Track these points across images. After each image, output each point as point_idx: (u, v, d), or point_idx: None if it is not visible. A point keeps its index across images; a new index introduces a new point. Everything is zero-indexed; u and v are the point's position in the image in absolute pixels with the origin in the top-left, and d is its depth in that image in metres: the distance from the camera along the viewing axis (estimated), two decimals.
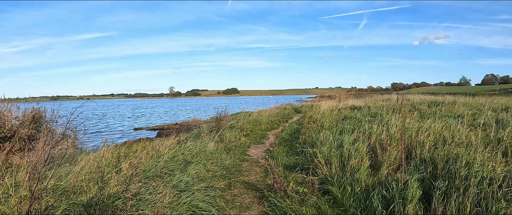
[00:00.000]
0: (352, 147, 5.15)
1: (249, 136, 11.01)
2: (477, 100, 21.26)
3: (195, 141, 7.57)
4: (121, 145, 13.07)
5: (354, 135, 6.05)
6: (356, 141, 5.54)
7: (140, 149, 8.65)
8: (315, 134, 6.96)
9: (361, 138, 5.67)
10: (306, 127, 8.82)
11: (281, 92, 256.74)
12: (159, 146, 9.27)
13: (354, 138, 5.89)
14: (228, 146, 8.57)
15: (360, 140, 5.51)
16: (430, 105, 16.40)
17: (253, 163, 6.99)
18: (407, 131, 5.90)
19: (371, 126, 6.89)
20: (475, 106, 17.00)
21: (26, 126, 8.38)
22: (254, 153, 8.28)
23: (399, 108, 12.24)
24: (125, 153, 8.28)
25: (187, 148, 6.16)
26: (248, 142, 10.06)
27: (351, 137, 5.94)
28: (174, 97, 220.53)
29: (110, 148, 8.59)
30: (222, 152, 7.88)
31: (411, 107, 13.99)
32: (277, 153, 7.19)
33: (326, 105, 13.43)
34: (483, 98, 23.27)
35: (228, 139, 9.95)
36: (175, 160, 5.62)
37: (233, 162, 6.97)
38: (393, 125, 6.49)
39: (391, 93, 57.00)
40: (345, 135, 6.37)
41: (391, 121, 7.55)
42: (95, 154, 7.65)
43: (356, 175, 4.51)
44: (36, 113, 9.10)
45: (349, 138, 5.71)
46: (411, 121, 6.94)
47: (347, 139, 5.62)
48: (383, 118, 8.20)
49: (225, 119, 13.42)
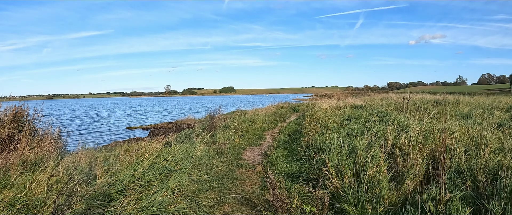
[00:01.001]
0: (367, 153, 4.26)
1: (244, 137, 10.09)
2: (478, 99, 20.52)
3: (183, 143, 6.65)
4: (104, 147, 12.05)
5: (366, 138, 5.16)
6: (370, 146, 4.65)
7: (123, 152, 7.74)
8: (319, 136, 6.07)
9: (376, 142, 4.79)
10: (307, 128, 7.93)
11: (277, 91, 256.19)
12: (144, 148, 8.35)
13: (367, 142, 5.00)
14: (221, 149, 7.65)
15: (374, 145, 4.63)
16: (434, 104, 15.60)
17: (248, 169, 6.08)
18: (428, 133, 5.03)
19: (383, 127, 6.01)
20: (479, 105, 16.28)
21: (6, 125, 7.65)
22: (249, 157, 7.37)
23: (405, 107, 11.39)
24: (104, 157, 7.37)
25: (171, 153, 5.23)
26: (243, 144, 9.15)
27: (363, 140, 5.05)
28: (170, 95, 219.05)
29: (90, 151, 7.70)
30: (213, 156, 6.97)
31: (416, 106, 13.15)
32: (276, 158, 6.28)
33: (327, 104, 12.55)
34: (483, 98, 22.58)
35: (221, 140, 9.03)
36: (155, 168, 4.70)
37: (225, 168, 6.06)
38: (411, 126, 5.61)
39: (388, 92, 56.40)
40: (354, 138, 5.48)
41: (406, 121, 6.69)
42: (70, 158, 6.75)
43: (375, 189, 3.62)
44: (17, 112, 8.34)
45: (362, 142, 4.81)
46: (429, 122, 6.06)
47: (360, 143, 4.73)
48: (394, 118, 7.33)
49: (219, 119, 12.49)
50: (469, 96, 23.74)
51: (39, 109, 8.49)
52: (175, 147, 5.52)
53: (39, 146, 8.13)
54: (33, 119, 8.40)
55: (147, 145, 8.70)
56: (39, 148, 8.17)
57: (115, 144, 10.46)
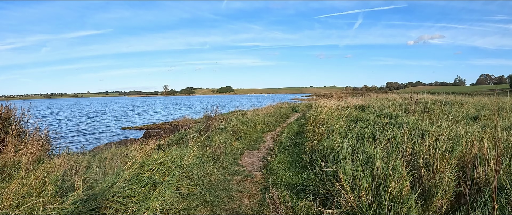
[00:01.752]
0: (387, 164, 3.61)
1: (242, 140, 9.43)
2: (480, 100, 19.95)
3: (173, 149, 5.99)
4: (96, 148, 11.37)
5: (382, 145, 4.51)
6: (389, 155, 4.01)
7: (109, 156, 7.08)
8: (326, 141, 5.41)
9: (395, 151, 4.13)
10: (311, 131, 7.28)
11: (275, 91, 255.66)
12: (133, 153, 7.71)
13: (383, 149, 4.34)
14: (216, 153, 6.99)
15: (393, 154, 3.98)
16: (440, 105, 14.99)
17: (246, 177, 5.42)
18: (455, 140, 4.39)
19: (398, 132, 5.35)
20: (484, 106, 15.71)
21: None
22: (247, 162, 6.71)
23: (412, 108, 10.77)
24: (88, 163, 6.71)
25: (158, 160, 4.56)
26: (240, 147, 8.49)
27: (379, 148, 4.39)
28: (168, 95, 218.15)
29: (73, 156, 7.04)
30: (207, 162, 6.30)
31: (422, 107, 12.52)
32: (277, 165, 5.62)
33: (330, 104, 11.90)
34: (485, 98, 22.04)
35: (217, 143, 8.36)
36: (138, 179, 4.03)
37: (220, 177, 5.40)
38: (429, 131, 4.97)
39: (387, 93, 55.83)
40: (367, 144, 4.83)
41: (420, 124, 6.04)
42: (50, 164, 6.08)
43: (400, 210, 2.97)
44: (4, 112, 7.81)
45: (377, 150, 4.15)
46: (448, 126, 5.42)
47: (376, 151, 4.06)
48: (407, 121, 6.67)
49: (215, 119, 11.84)
50: (469, 97, 23.20)
51: (27, 109, 7.94)
52: (162, 154, 4.84)
53: (24, 149, 7.51)
54: (20, 120, 7.84)
55: (136, 149, 8.05)
56: (23, 150, 7.55)
57: (103, 147, 9.77)
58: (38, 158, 7.49)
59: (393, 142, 4.78)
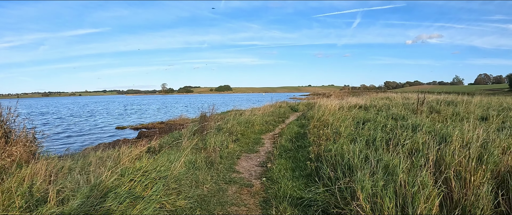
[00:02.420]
0: (412, 178, 3.01)
1: (239, 142, 8.82)
2: (482, 100, 19.47)
3: (158, 156, 5.38)
4: (90, 149, 10.72)
5: (401, 153, 3.92)
6: (414, 166, 3.41)
7: (95, 161, 6.48)
8: (334, 146, 4.81)
9: (419, 160, 3.54)
10: (315, 134, 6.67)
11: (273, 90, 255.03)
12: (121, 157, 7.09)
13: (402, 157, 3.73)
14: (211, 158, 6.38)
15: (417, 164, 3.38)
16: (445, 105, 14.44)
17: (243, 187, 4.81)
18: (489, 147, 3.80)
19: (414, 135, 4.76)
20: (488, 106, 15.23)
21: None
22: (245, 168, 6.10)
23: (420, 109, 10.20)
24: (70, 168, 6.10)
25: (141, 169, 3.94)
26: (237, 150, 7.88)
27: (398, 156, 3.79)
28: (166, 93, 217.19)
29: (54, 160, 6.44)
30: (201, 168, 5.69)
31: (428, 107, 11.95)
32: (279, 173, 5.01)
33: (332, 104, 11.30)
34: (486, 98, 21.58)
35: (212, 146, 7.75)
36: (116, 193, 3.41)
37: (214, 186, 4.78)
38: (450, 135, 4.39)
39: (386, 92, 55.40)
40: (380, 150, 4.23)
41: (435, 127, 5.45)
42: (27, 171, 5.52)
43: None
44: None
45: (398, 159, 3.54)
46: (470, 130, 4.83)
47: (400, 162, 3.44)
48: (419, 123, 6.09)
49: (211, 119, 11.20)
50: (469, 96, 22.74)
51: (14, 108, 7.34)
52: (146, 162, 4.22)
53: (7, 151, 6.90)
54: (6, 120, 7.21)
55: (125, 152, 7.42)
56: (7, 153, 6.94)
57: (90, 150, 9.13)
58: (23, 161, 6.94)
59: (412, 149, 4.18)
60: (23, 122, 7.50)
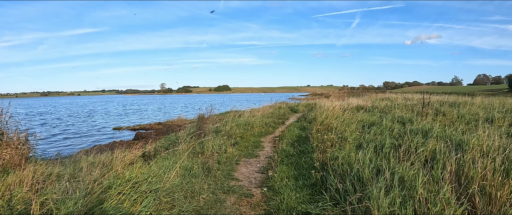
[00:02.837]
0: (432, 193, 2.68)
1: (238, 145, 8.47)
2: (483, 101, 19.22)
3: (151, 164, 5.03)
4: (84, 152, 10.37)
5: (416, 163, 3.58)
6: (433, 180, 3.07)
7: (86, 167, 6.12)
8: (340, 153, 4.47)
9: (438, 172, 3.20)
10: (318, 138, 6.32)
11: (272, 90, 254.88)
12: (114, 162, 6.75)
13: (418, 168, 3.39)
14: (208, 164, 6.02)
15: (438, 178, 3.05)
16: (449, 106, 14.12)
17: (243, 197, 4.47)
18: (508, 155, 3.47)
19: (425, 141, 4.42)
20: (490, 108, 14.96)
21: None
22: (245, 175, 5.76)
23: (426, 111, 9.87)
24: (58, 176, 5.75)
25: (130, 180, 3.58)
26: (236, 154, 7.54)
27: (413, 166, 3.45)
28: (165, 93, 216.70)
29: (42, 166, 6.08)
30: (197, 175, 5.34)
31: (433, 109, 11.63)
32: (281, 182, 4.66)
33: (334, 105, 10.96)
34: (487, 99, 21.33)
35: (210, 150, 7.40)
36: (102, 209, 3.07)
37: (211, 197, 4.44)
38: (466, 142, 4.05)
39: (385, 92, 55.08)
40: (390, 157, 3.89)
41: (447, 132, 5.12)
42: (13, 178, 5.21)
43: None
44: None
45: (413, 171, 3.20)
46: (484, 136, 4.51)
47: (419, 175, 3.08)
48: (429, 128, 5.75)
49: (209, 121, 10.87)
50: (469, 97, 22.46)
51: (6, 109, 6.98)
52: (138, 172, 3.86)
53: None
54: None
55: (119, 157, 7.08)
56: None
57: (83, 153, 8.77)
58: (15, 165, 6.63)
59: (426, 158, 3.84)
60: (16, 123, 7.16)
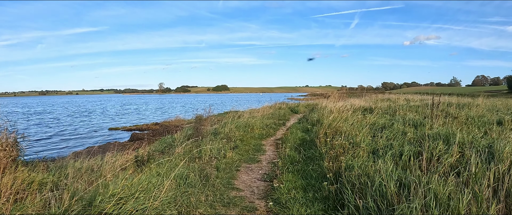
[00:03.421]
0: None
1: (238, 149, 7.94)
2: (485, 102, 18.83)
3: (140, 176, 4.50)
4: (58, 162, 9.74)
5: (447, 178, 3.08)
6: (477, 200, 2.57)
7: (72, 174, 5.61)
8: (356, 162, 3.95)
9: (476, 185, 2.70)
10: (326, 144, 5.79)
11: (271, 90, 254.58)
12: (104, 168, 6.24)
13: (446, 181, 2.89)
14: (206, 171, 5.50)
15: (479, 197, 2.55)
16: (456, 108, 13.65)
17: (245, 211, 3.94)
18: None
19: (454, 149, 3.92)
20: (494, 109, 14.58)
21: None
22: (246, 183, 5.24)
23: (436, 113, 9.37)
24: (40, 184, 5.23)
25: (115, 195, 3.05)
26: (236, 159, 7.02)
27: (448, 181, 2.94)
28: (163, 93, 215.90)
29: (24, 172, 5.58)
30: (194, 184, 4.81)
31: (440, 110, 11.13)
32: (288, 194, 4.14)
33: (339, 106, 10.44)
34: (488, 100, 20.96)
35: (208, 155, 6.88)
36: None
37: (209, 211, 3.91)
38: (498, 150, 3.56)
39: (384, 93, 54.68)
40: (411, 167, 3.38)
41: (469, 137, 4.62)
42: None
43: None
44: None
45: (463, 193, 2.68)
46: None
47: (461, 196, 2.57)
48: (448, 133, 5.25)
49: (207, 123, 10.33)
50: (470, 98, 22.11)
51: None
52: (123, 185, 3.32)
53: None
54: None
55: (109, 161, 6.58)
56: None
57: (71, 157, 8.19)
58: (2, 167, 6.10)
59: (439, 162, 3.33)
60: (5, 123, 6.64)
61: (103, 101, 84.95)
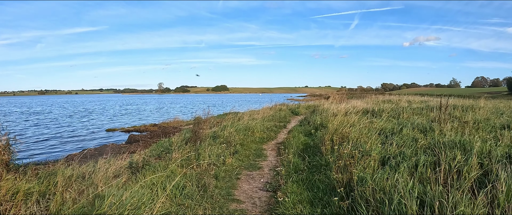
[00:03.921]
0: None
1: (238, 155, 7.59)
2: (487, 104, 18.56)
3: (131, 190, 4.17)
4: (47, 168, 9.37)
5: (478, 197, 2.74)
6: None
7: (61, 181, 5.25)
8: (372, 175, 3.59)
9: None
10: (334, 151, 5.43)
11: (270, 90, 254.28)
12: (96, 175, 5.90)
13: (479, 203, 2.55)
14: (203, 181, 5.14)
15: None
16: (462, 110, 13.32)
17: None
18: None
19: (474, 160, 3.57)
20: (497, 111, 14.29)
21: None
22: (247, 194, 4.88)
23: (444, 118, 9.03)
24: (27, 194, 4.89)
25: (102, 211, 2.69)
26: (236, 166, 6.66)
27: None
28: (163, 93, 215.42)
29: (9, 180, 5.26)
30: (192, 195, 4.47)
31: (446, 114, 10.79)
32: (293, 208, 3.77)
33: (340, 109, 10.08)
34: (490, 102, 20.69)
35: (207, 161, 6.52)
36: None
37: None
38: None
39: (384, 94, 54.33)
40: (431, 183, 3.03)
41: (486, 146, 4.28)
42: None
43: None
44: None
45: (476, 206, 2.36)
46: None
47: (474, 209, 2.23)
48: (463, 141, 4.90)
49: (206, 126, 9.95)
50: (471, 100, 21.85)
51: None
52: (109, 202, 2.97)
53: None
54: None
55: (102, 168, 6.23)
56: None
57: (64, 161, 7.83)
58: None
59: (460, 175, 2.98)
60: None
61: (102, 101, 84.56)
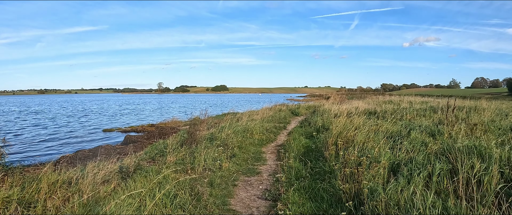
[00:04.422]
0: None
1: (236, 158, 7.19)
2: (490, 105, 18.20)
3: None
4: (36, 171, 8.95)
5: None
6: None
7: (46, 188, 4.89)
8: (385, 189, 3.20)
9: None
10: (338, 157, 5.03)
11: (270, 90, 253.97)
12: (84, 181, 5.53)
13: None
14: (196, 189, 4.74)
15: None
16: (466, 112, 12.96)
17: None
18: None
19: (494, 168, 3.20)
20: (500, 113, 13.97)
21: None
22: (245, 203, 4.49)
23: (451, 119, 8.65)
24: (8, 201, 4.54)
25: None
26: (234, 171, 6.27)
27: None
28: (162, 93, 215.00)
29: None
30: (184, 205, 4.08)
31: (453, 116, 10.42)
32: None
33: (342, 110, 9.70)
34: (492, 103, 20.34)
35: (202, 165, 6.13)
36: None
37: None
38: None
39: (384, 94, 54.00)
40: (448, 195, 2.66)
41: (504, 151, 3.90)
42: None
43: None
44: None
45: None
46: None
47: None
48: (478, 145, 4.52)
49: (203, 126, 9.55)
50: (472, 101, 21.55)
51: None
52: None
53: None
54: None
55: (90, 172, 5.85)
56: None
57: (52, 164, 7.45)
58: None
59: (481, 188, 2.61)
60: None
61: (101, 100, 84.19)
